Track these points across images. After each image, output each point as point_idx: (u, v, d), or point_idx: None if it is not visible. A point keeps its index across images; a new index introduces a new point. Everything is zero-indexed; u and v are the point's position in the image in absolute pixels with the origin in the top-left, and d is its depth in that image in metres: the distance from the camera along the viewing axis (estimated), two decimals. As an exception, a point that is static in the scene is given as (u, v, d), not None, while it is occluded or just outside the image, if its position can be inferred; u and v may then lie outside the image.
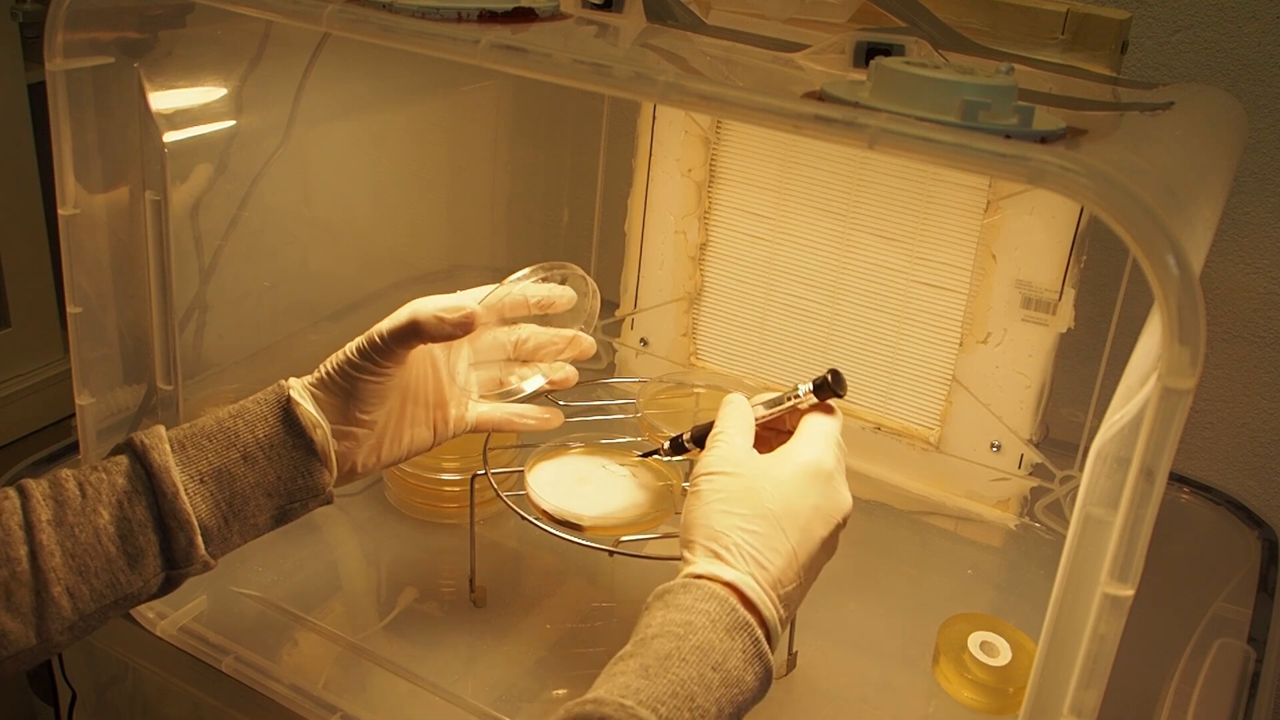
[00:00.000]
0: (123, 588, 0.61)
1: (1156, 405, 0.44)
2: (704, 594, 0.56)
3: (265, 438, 0.65)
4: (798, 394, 0.67)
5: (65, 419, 1.60)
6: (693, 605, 0.55)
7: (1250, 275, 1.02)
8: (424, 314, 0.67)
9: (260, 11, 0.68)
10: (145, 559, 0.61)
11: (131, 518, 0.61)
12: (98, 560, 0.60)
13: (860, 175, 0.94)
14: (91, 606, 0.60)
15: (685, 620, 0.55)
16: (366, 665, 0.75)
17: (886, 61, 0.54)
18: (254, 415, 0.66)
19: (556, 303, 0.77)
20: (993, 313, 0.91)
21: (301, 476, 0.66)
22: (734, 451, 0.63)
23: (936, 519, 0.97)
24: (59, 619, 0.59)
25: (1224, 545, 0.97)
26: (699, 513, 0.60)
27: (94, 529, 0.60)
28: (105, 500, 0.61)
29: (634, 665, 0.53)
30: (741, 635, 0.55)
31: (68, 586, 0.59)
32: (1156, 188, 0.46)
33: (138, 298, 0.81)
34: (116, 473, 0.62)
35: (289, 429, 0.66)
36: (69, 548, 0.60)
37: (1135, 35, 0.99)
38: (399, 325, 0.67)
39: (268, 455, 0.65)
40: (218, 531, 0.64)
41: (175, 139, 0.79)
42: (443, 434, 0.74)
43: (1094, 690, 0.49)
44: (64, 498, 0.61)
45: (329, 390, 0.67)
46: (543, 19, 0.69)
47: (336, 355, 0.68)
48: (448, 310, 0.67)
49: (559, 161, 1.24)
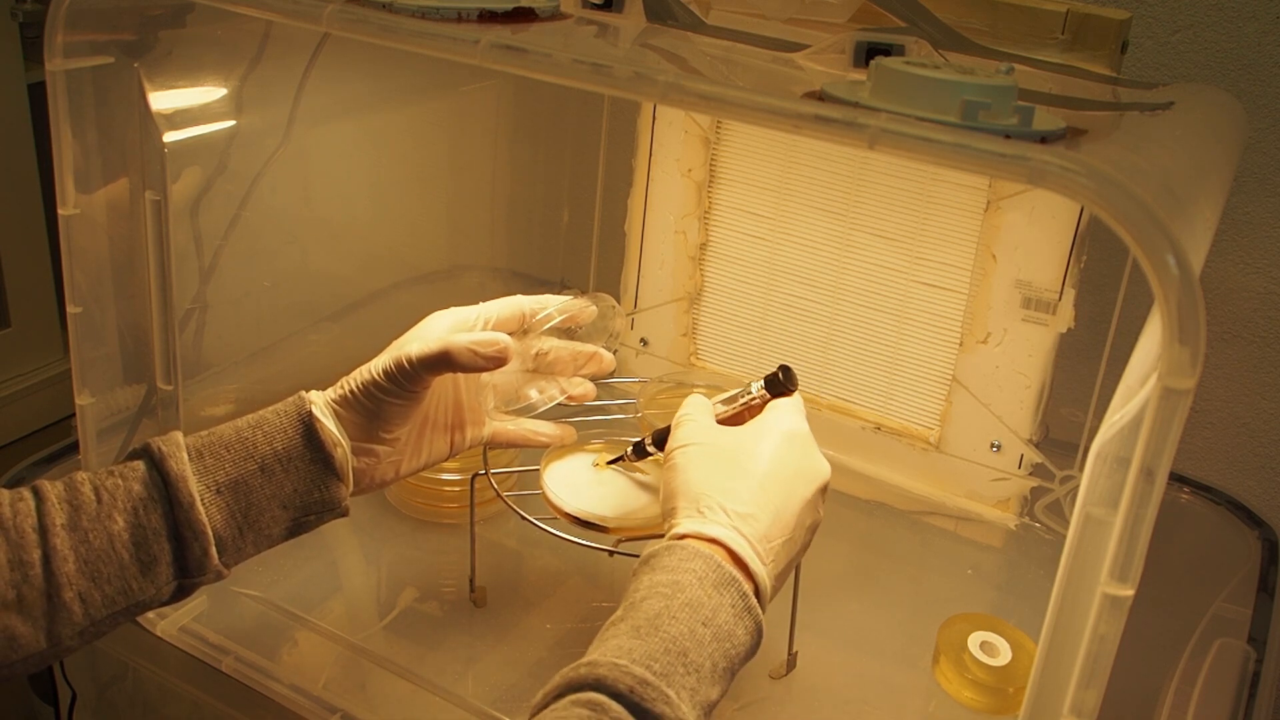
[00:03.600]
0: (135, 594, 0.61)
1: (1156, 405, 0.44)
2: (689, 553, 0.56)
3: (284, 450, 0.65)
4: (750, 391, 0.68)
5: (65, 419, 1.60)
6: (678, 565, 0.56)
7: (1250, 275, 1.02)
8: (457, 346, 0.67)
9: (260, 11, 0.68)
10: (158, 567, 0.61)
11: (146, 525, 0.61)
12: (111, 566, 0.60)
13: (860, 175, 0.94)
14: (103, 612, 0.60)
15: (672, 580, 0.55)
16: (366, 665, 0.75)
17: (886, 61, 0.54)
18: (273, 427, 0.65)
19: (579, 317, 0.77)
20: (993, 313, 0.91)
21: (318, 490, 0.66)
22: (702, 427, 0.64)
23: (936, 519, 0.97)
24: (69, 623, 0.59)
25: (1224, 545, 0.97)
26: (677, 481, 0.61)
27: (108, 535, 0.60)
28: (121, 506, 0.61)
29: (625, 628, 0.53)
30: (730, 590, 0.55)
31: (79, 591, 0.59)
32: (1156, 188, 0.46)
33: (138, 298, 0.81)
34: (133, 479, 0.62)
35: (309, 444, 0.65)
36: (82, 553, 0.59)
37: (1135, 35, 0.99)
38: (430, 354, 0.67)
39: (285, 468, 0.65)
40: (232, 541, 0.64)
41: (175, 139, 0.79)
42: (460, 447, 0.74)
43: (1094, 690, 0.49)
44: (79, 502, 0.60)
45: (352, 408, 0.67)
46: (543, 19, 0.69)
47: (361, 373, 0.68)
48: (482, 345, 0.67)
49: (559, 161, 1.24)
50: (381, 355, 0.69)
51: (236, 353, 0.93)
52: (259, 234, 0.91)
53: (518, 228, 1.23)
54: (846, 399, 1.01)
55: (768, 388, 0.68)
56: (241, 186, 0.88)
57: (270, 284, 0.95)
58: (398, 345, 0.69)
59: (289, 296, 0.98)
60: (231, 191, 0.87)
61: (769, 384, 0.68)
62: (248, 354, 0.94)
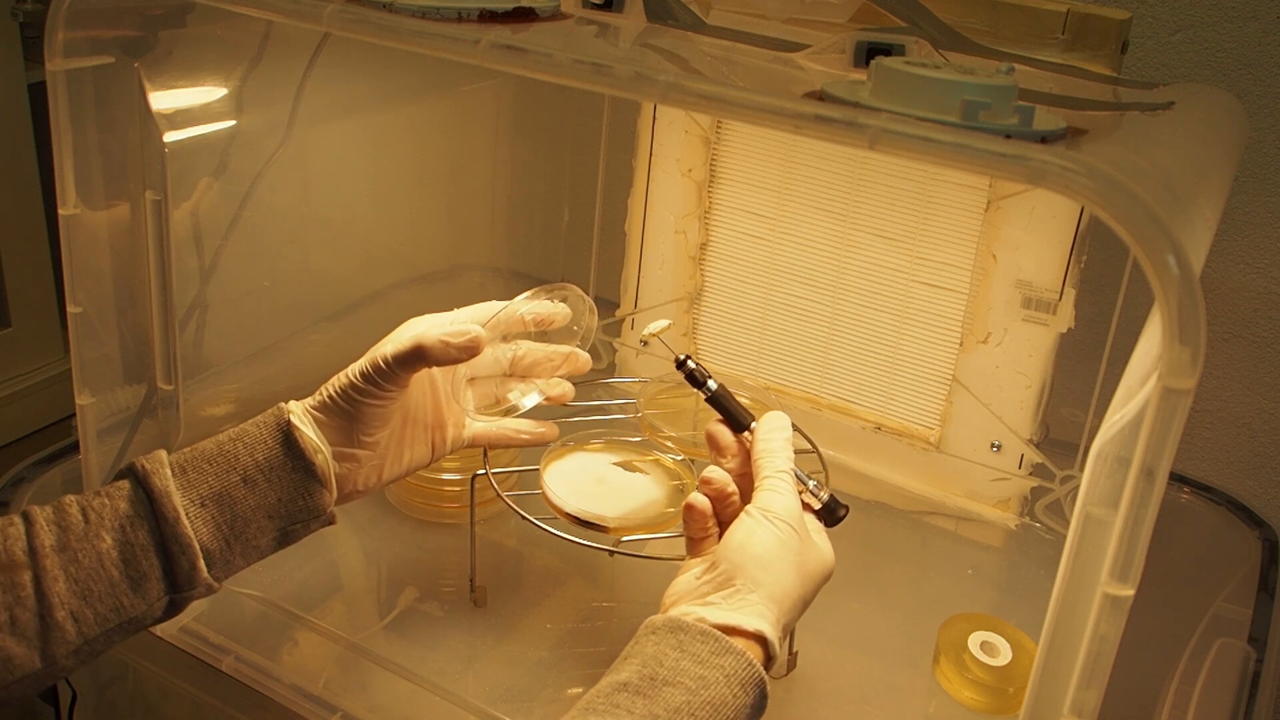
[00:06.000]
0: (126, 611, 0.61)
1: (1157, 405, 0.44)
2: (722, 647, 0.57)
3: (265, 461, 0.65)
4: (812, 489, 0.68)
5: (65, 419, 1.60)
6: (709, 659, 0.56)
7: (1250, 275, 1.02)
8: (429, 339, 0.67)
9: (260, 11, 0.68)
10: (148, 583, 0.62)
11: (134, 542, 0.62)
12: (101, 584, 0.61)
13: (860, 175, 0.94)
14: (96, 630, 0.61)
15: (700, 675, 0.56)
16: (366, 665, 0.75)
17: (887, 61, 0.54)
18: (254, 438, 0.66)
19: (554, 319, 0.77)
20: (993, 313, 0.91)
21: (302, 499, 0.66)
22: (796, 504, 0.64)
23: (936, 519, 0.97)
24: (64, 643, 0.60)
25: (1224, 545, 0.97)
26: (755, 551, 0.61)
27: (96, 554, 0.61)
28: (108, 525, 0.61)
29: (641, 708, 0.54)
30: (753, 690, 0.57)
31: (71, 611, 0.60)
32: (1156, 188, 0.46)
33: (138, 297, 0.81)
34: (119, 497, 0.63)
35: (289, 452, 0.66)
36: (72, 572, 0.60)
37: (1135, 35, 0.99)
38: (403, 350, 0.67)
39: (268, 478, 0.65)
40: (220, 554, 0.64)
41: (175, 139, 0.79)
42: (440, 451, 0.75)
43: (1094, 690, 0.49)
44: (67, 523, 0.61)
45: (331, 413, 0.68)
46: (543, 19, 0.69)
47: (339, 378, 0.69)
48: (453, 335, 0.68)
49: (559, 161, 1.24)
50: (359, 360, 0.69)
51: (236, 353, 0.93)
52: (259, 234, 0.91)
53: (518, 228, 1.23)
54: (847, 399, 1.01)
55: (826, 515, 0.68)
56: (241, 186, 0.88)
57: (270, 284, 0.95)
58: (374, 349, 0.69)
59: (289, 296, 0.98)
60: (231, 191, 0.87)
61: (828, 511, 0.68)
62: (248, 354, 0.94)
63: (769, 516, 0.62)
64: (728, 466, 0.68)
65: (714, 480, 0.66)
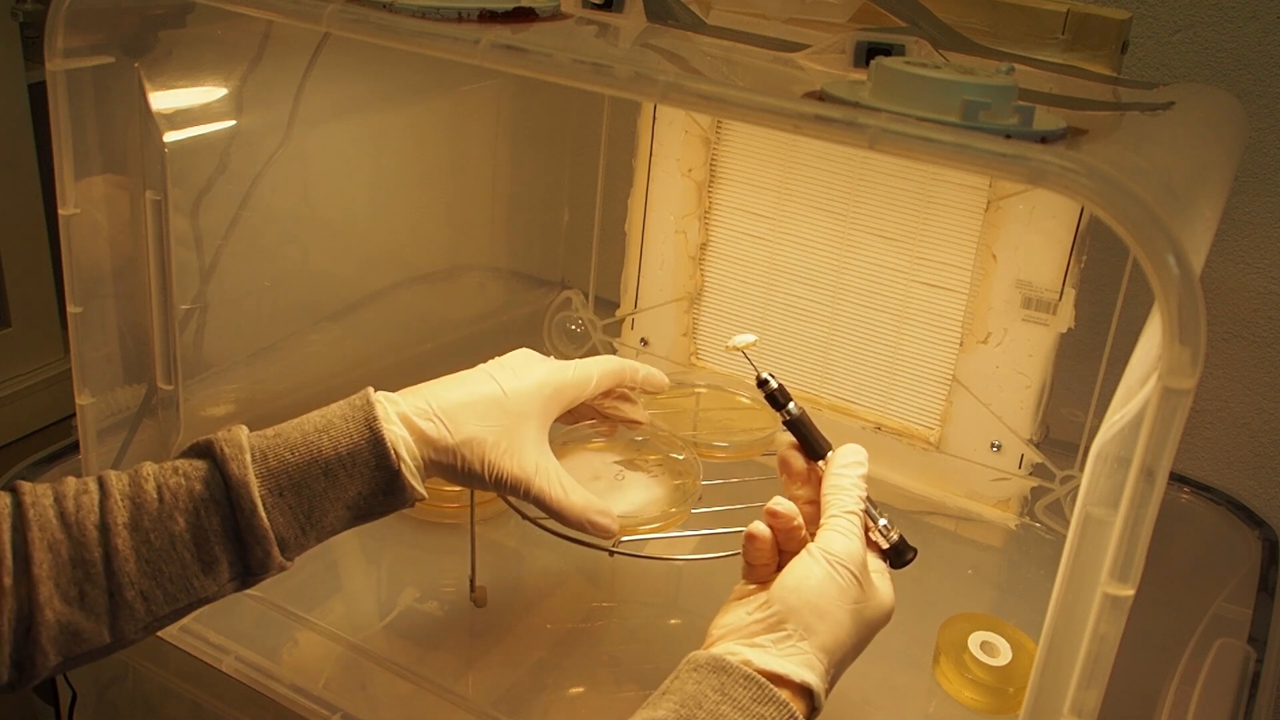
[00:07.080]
0: (197, 591, 0.61)
1: (1157, 405, 0.44)
2: (765, 695, 0.55)
3: (349, 455, 0.64)
4: (881, 528, 0.66)
5: (65, 419, 1.60)
6: (750, 706, 0.55)
7: (1250, 275, 1.02)
8: (569, 509, 0.69)
9: (260, 11, 0.68)
10: (220, 567, 0.61)
11: (208, 527, 0.61)
12: (173, 566, 0.60)
13: (860, 175, 0.94)
14: (165, 609, 0.60)
15: None
16: (366, 665, 0.75)
17: (887, 61, 0.54)
18: (340, 432, 0.64)
19: (655, 384, 0.78)
20: (993, 313, 0.91)
21: (382, 493, 0.65)
22: (860, 549, 0.62)
23: (936, 519, 0.97)
24: (132, 620, 0.59)
25: (1224, 545, 0.97)
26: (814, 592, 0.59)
27: (170, 536, 0.60)
28: (182, 507, 0.60)
29: None
30: None
31: (142, 590, 0.59)
32: (1156, 188, 0.46)
33: (138, 298, 0.81)
34: (195, 478, 0.61)
35: (374, 452, 0.64)
36: (144, 553, 0.59)
37: (1135, 35, 0.99)
38: (516, 487, 0.68)
39: (349, 473, 0.64)
40: (294, 540, 0.63)
41: (175, 139, 0.79)
42: None
43: (1094, 690, 0.49)
44: (142, 500, 0.60)
45: (420, 438, 0.66)
46: (543, 19, 0.69)
47: (444, 434, 0.66)
48: (597, 514, 0.70)
49: (559, 161, 1.24)
50: (467, 418, 0.67)
51: (236, 353, 0.93)
52: (259, 234, 0.91)
53: (518, 228, 1.23)
54: (847, 399, 1.01)
55: (893, 556, 0.66)
56: (241, 186, 0.88)
57: (270, 284, 0.95)
58: (497, 427, 0.68)
59: (289, 296, 0.98)
60: (231, 191, 0.87)
61: (896, 552, 0.66)
62: (248, 354, 0.94)
63: (830, 560, 0.60)
64: (798, 493, 0.67)
65: (780, 514, 0.63)
